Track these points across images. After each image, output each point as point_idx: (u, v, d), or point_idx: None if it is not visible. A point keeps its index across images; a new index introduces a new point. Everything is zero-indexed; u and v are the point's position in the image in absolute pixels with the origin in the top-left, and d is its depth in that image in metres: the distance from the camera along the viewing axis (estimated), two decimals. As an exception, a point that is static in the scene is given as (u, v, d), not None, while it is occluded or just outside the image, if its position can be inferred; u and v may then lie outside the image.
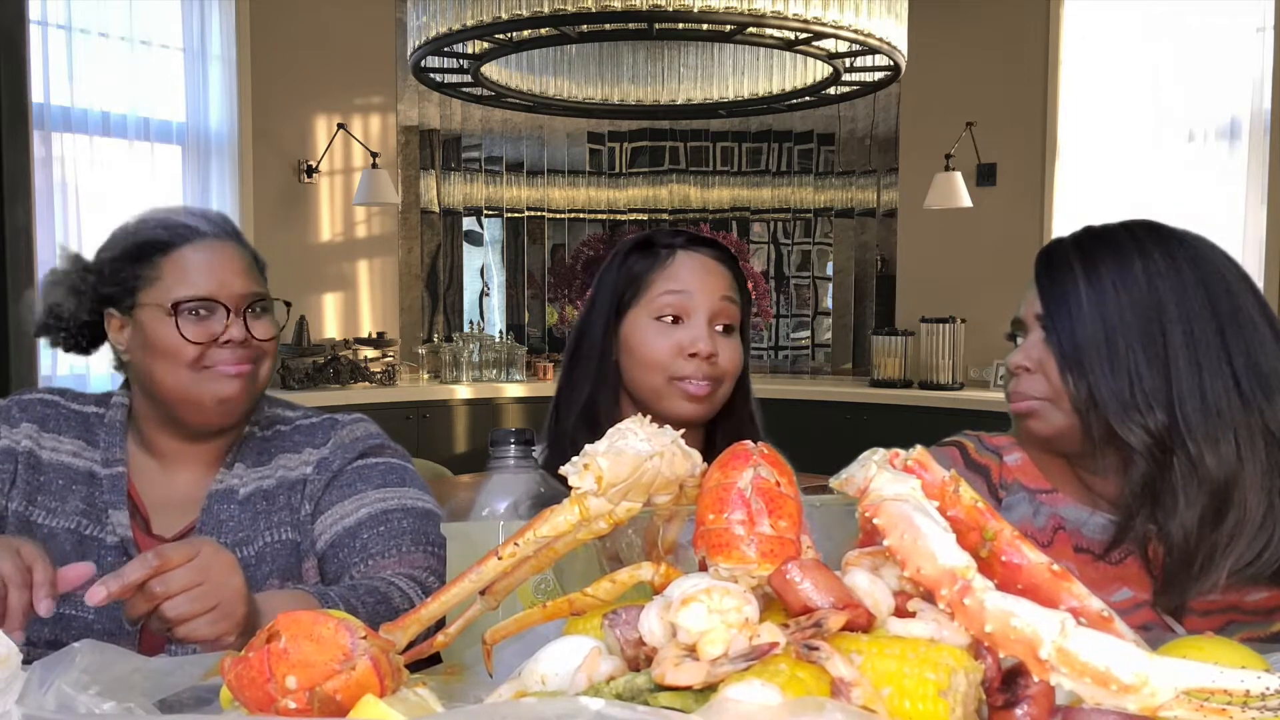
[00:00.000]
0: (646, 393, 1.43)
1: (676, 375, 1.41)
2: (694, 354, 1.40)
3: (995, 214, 5.12)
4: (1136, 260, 1.20)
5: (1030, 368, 1.23)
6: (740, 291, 1.47)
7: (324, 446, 1.37)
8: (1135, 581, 1.23)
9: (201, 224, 1.33)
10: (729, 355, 1.43)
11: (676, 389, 1.41)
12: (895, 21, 3.53)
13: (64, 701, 0.67)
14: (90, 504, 1.32)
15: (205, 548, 0.99)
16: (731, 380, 1.45)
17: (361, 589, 1.17)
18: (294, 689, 0.65)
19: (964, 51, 5.15)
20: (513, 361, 5.40)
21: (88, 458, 1.34)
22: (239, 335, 1.29)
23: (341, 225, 5.28)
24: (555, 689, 0.67)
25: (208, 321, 1.29)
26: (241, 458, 1.36)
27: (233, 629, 0.98)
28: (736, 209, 5.90)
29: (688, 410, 1.41)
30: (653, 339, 1.42)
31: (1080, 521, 1.27)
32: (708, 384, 1.41)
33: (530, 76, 4.30)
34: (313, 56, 5.07)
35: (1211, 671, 0.58)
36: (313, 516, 1.34)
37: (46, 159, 4.19)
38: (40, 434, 1.34)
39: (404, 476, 1.37)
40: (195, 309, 1.29)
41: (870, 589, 0.68)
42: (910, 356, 5.12)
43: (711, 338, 1.41)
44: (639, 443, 0.76)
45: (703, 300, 1.42)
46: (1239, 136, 4.54)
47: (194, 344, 1.28)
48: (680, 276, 1.44)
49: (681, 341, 1.41)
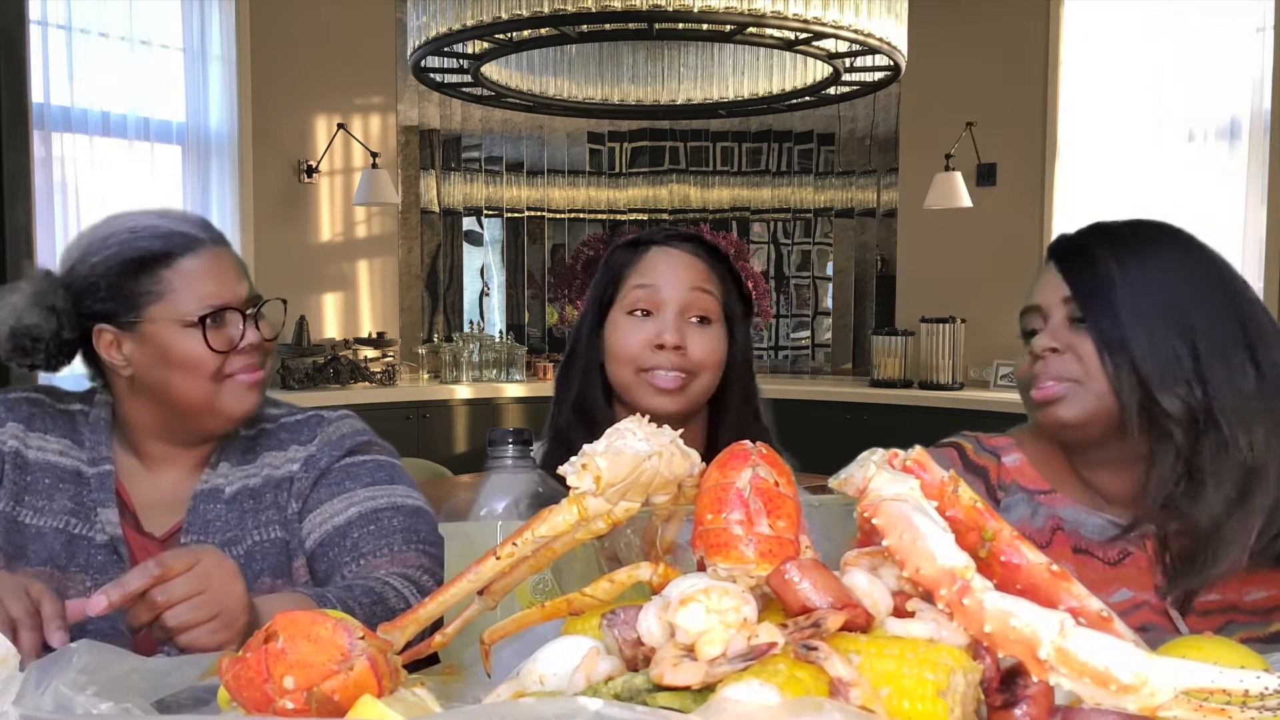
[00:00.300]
0: (620, 388, 1.45)
1: (644, 367, 1.41)
2: (661, 345, 1.40)
3: (995, 214, 5.12)
4: (1161, 253, 1.22)
5: (1059, 348, 1.22)
6: (724, 286, 1.47)
7: (310, 444, 1.36)
8: (1134, 582, 1.24)
9: (196, 231, 1.32)
10: (701, 346, 1.43)
11: (645, 381, 1.42)
12: (895, 21, 3.53)
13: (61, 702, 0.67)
14: (78, 503, 1.31)
15: (207, 556, 0.99)
16: (711, 372, 1.44)
17: (357, 589, 1.17)
18: (292, 689, 0.65)
19: (964, 51, 5.15)
20: (513, 361, 5.40)
21: (74, 456, 1.33)
22: (255, 339, 1.30)
23: (341, 225, 5.28)
24: (553, 689, 0.67)
25: (224, 329, 1.29)
26: (226, 457, 1.35)
27: (234, 638, 0.98)
28: (736, 209, 5.90)
29: (659, 404, 1.41)
30: (624, 333, 1.44)
31: (1079, 522, 1.27)
32: (677, 376, 1.41)
33: (530, 76, 4.30)
34: (313, 56, 5.07)
35: (1211, 671, 0.58)
36: (300, 515, 1.33)
37: (46, 159, 4.19)
38: (26, 433, 1.33)
39: (392, 474, 1.36)
40: (216, 319, 1.28)
41: (869, 589, 0.68)
42: (910, 356, 5.12)
43: (680, 329, 1.41)
44: (637, 442, 0.76)
45: (672, 293, 1.43)
46: (1239, 136, 4.54)
47: (219, 353, 1.27)
48: (651, 271, 1.45)
49: (649, 334, 1.41)
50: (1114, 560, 1.24)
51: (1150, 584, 1.24)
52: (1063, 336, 1.23)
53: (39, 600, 0.98)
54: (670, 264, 1.45)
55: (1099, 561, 1.25)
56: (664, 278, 1.44)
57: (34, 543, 1.28)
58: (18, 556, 1.28)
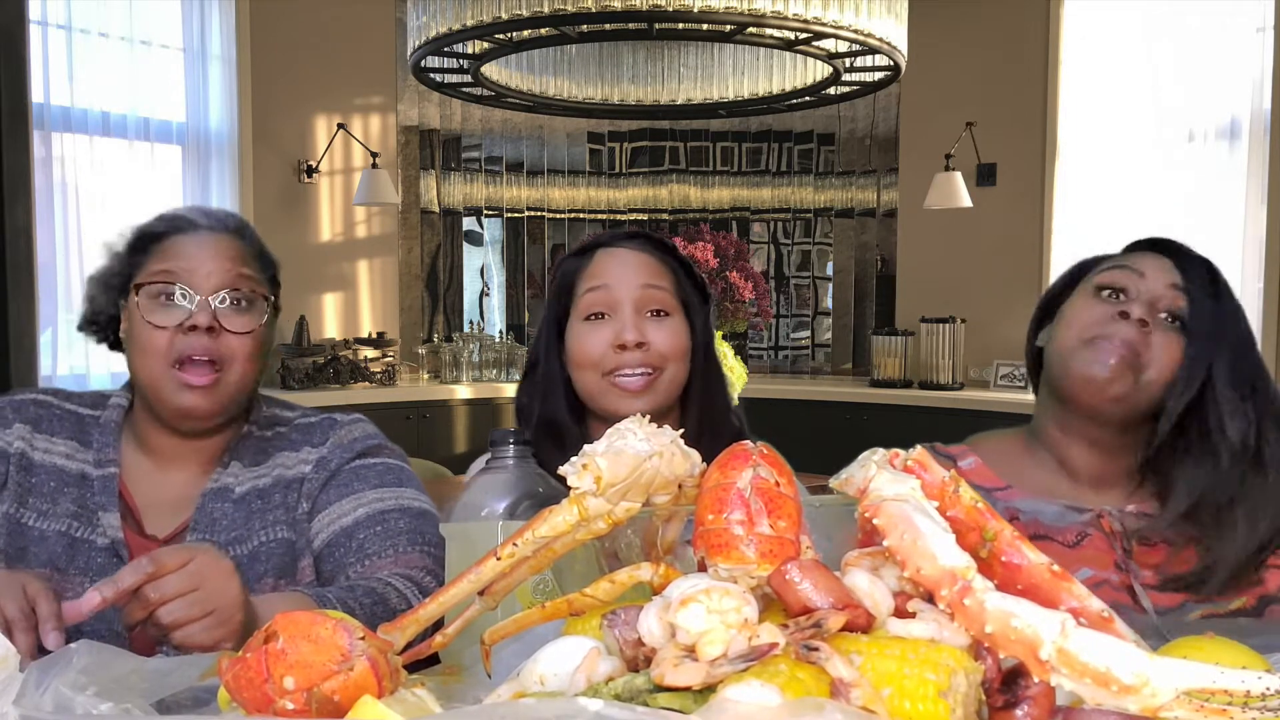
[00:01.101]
0: (588, 394, 1.43)
1: (608, 370, 1.40)
2: (623, 345, 1.39)
3: (995, 214, 5.12)
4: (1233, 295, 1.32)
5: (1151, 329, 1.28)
6: (675, 277, 1.46)
7: (322, 446, 1.37)
8: (1094, 561, 1.29)
9: (200, 218, 1.33)
10: (664, 338, 1.41)
11: (612, 385, 1.40)
12: (895, 21, 3.53)
13: (61, 702, 0.67)
14: (81, 506, 1.30)
15: (201, 554, 0.99)
16: (677, 363, 1.43)
17: (359, 589, 1.17)
18: (292, 689, 0.65)
19: (964, 51, 5.15)
20: (513, 361, 5.40)
21: (80, 459, 1.33)
22: (204, 321, 1.25)
23: (341, 225, 5.28)
24: (554, 689, 0.67)
25: (175, 308, 1.27)
26: (238, 456, 1.35)
27: (229, 636, 0.97)
28: (736, 209, 5.90)
29: (630, 406, 1.39)
30: (584, 340, 1.42)
31: (1036, 511, 1.33)
32: (643, 374, 1.40)
33: (530, 76, 4.30)
34: (313, 56, 5.07)
35: (1212, 672, 0.58)
36: (310, 515, 1.33)
37: (46, 159, 4.19)
38: (33, 435, 1.33)
39: (401, 477, 1.37)
40: (167, 292, 1.27)
41: (870, 589, 0.68)
42: (910, 356, 5.12)
43: (638, 326, 1.40)
44: (638, 442, 0.76)
45: (624, 291, 1.42)
46: (1239, 136, 4.54)
47: (158, 329, 1.26)
48: (599, 273, 1.44)
49: (608, 336, 1.40)
50: (1072, 543, 1.30)
51: (1110, 562, 1.29)
52: (1156, 324, 1.29)
53: (35, 600, 0.97)
54: (618, 263, 1.44)
55: (1058, 545, 1.30)
56: (614, 276, 1.43)
57: (36, 545, 1.28)
58: (19, 558, 1.28)
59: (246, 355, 1.29)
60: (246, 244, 1.35)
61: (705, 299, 1.51)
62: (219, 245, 1.31)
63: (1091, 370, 1.28)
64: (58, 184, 4.24)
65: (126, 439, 1.36)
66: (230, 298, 1.29)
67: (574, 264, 1.48)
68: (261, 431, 1.38)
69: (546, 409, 1.46)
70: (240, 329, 1.28)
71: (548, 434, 1.44)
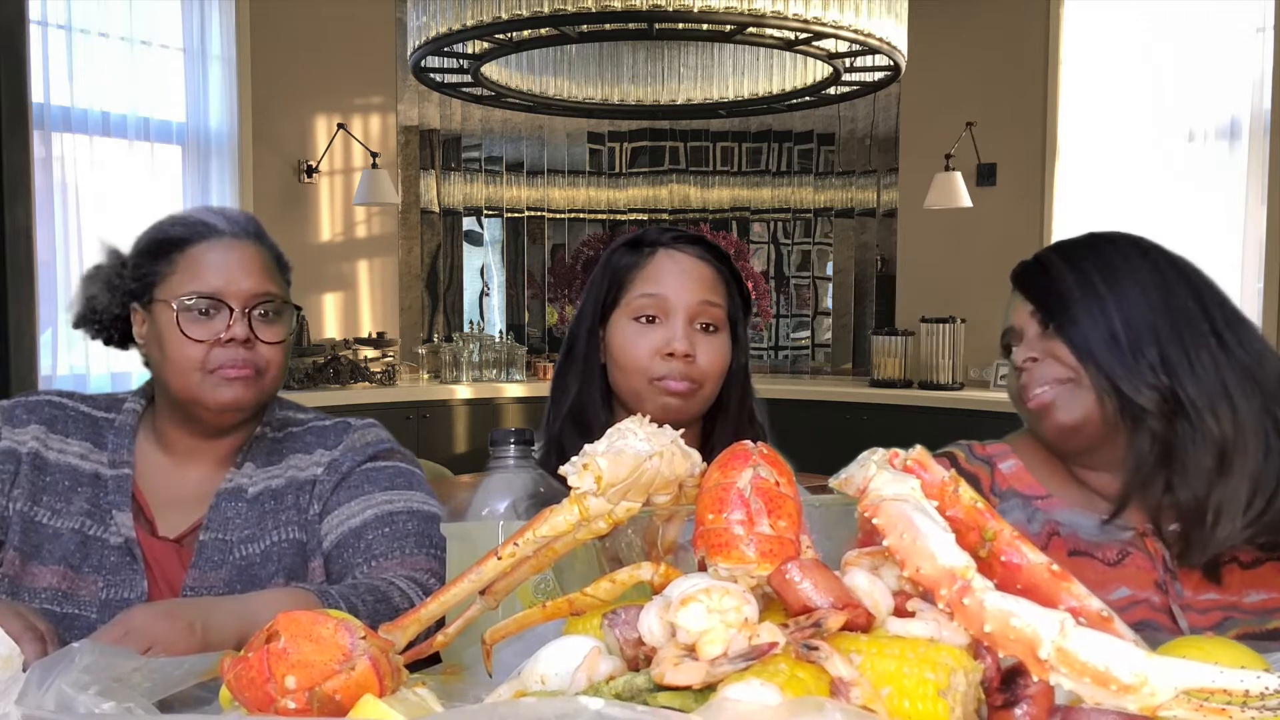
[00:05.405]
0: (628, 395, 1.43)
1: (655, 376, 1.39)
2: (670, 354, 1.39)
3: (995, 214, 5.12)
4: (1117, 259, 1.29)
5: (1038, 356, 1.28)
6: (728, 291, 1.45)
7: (335, 449, 1.38)
8: (1134, 581, 1.25)
9: (220, 222, 1.34)
10: (708, 355, 1.41)
11: (656, 388, 1.40)
12: (895, 21, 3.53)
13: (63, 701, 0.67)
14: (95, 505, 1.32)
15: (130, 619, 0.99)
16: (715, 381, 1.43)
17: (362, 588, 1.18)
18: (293, 689, 0.65)
19: (964, 51, 5.15)
20: (513, 361, 5.40)
21: (95, 460, 1.35)
22: (241, 334, 1.29)
23: (341, 225, 5.28)
24: (555, 689, 0.67)
25: (212, 321, 1.29)
26: (252, 457, 1.37)
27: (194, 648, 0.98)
28: (736, 209, 5.90)
29: (671, 408, 1.39)
30: (631, 341, 1.41)
31: (1076, 525, 1.29)
32: (686, 383, 1.40)
33: (530, 76, 4.30)
34: (313, 56, 5.07)
35: (1211, 671, 0.58)
36: (320, 516, 1.35)
37: (46, 159, 4.19)
38: (48, 435, 1.35)
39: (411, 480, 1.38)
40: (201, 307, 1.29)
41: (870, 589, 0.68)
42: (910, 356, 5.12)
43: (689, 338, 1.39)
44: (638, 443, 0.76)
45: (680, 301, 1.40)
46: (1239, 136, 4.54)
47: (196, 342, 1.28)
48: (657, 278, 1.42)
49: (657, 342, 1.39)
50: (1113, 561, 1.26)
51: (1150, 582, 1.25)
52: (1038, 346, 1.29)
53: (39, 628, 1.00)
54: (677, 271, 1.42)
55: (1098, 562, 1.26)
56: (671, 286, 1.41)
57: (50, 542, 1.30)
58: (33, 555, 1.30)
59: (279, 362, 1.34)
60: (267, 250, 1.37)
61: (748, 310, 1.51)
62: (245, 255, 1.33)
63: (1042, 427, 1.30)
64: (58, 184, 4.24)
65: (143, 439, 1.38)
66: (263, 309, 1.32)
67: (630, 258, 1.45)
68: (275, 433, 1.40)
69: (580, 396, 1.45)
70: (273, 339, 1.33)
71: (575, 420, 1.44)
